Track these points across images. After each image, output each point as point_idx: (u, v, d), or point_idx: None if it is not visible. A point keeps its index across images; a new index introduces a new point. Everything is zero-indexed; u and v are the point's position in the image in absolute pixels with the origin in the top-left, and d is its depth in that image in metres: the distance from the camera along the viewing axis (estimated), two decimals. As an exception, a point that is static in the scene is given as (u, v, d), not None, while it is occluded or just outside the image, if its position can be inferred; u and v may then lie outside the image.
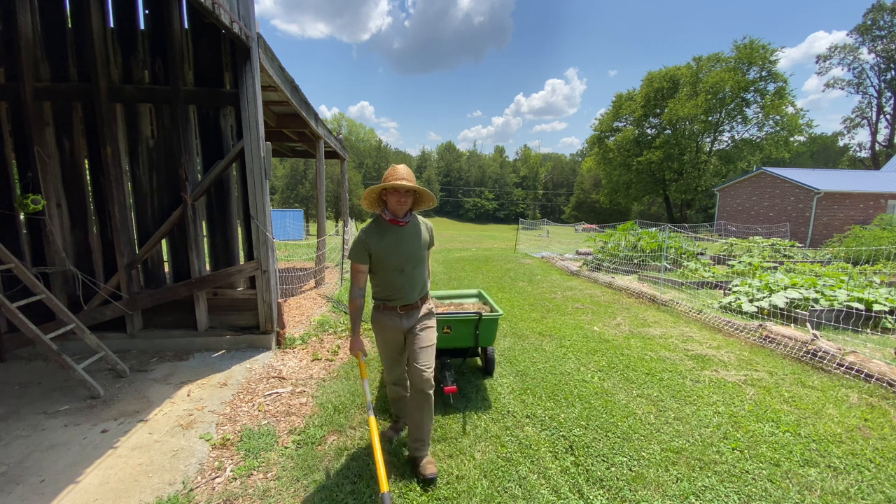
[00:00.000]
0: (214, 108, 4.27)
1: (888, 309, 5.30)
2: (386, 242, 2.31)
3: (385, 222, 2.35)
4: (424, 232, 2.45)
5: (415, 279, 2.40)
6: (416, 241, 2.38)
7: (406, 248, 2.34)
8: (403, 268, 2.35)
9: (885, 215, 15.86)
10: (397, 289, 2.37)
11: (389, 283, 2.36)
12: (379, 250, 2.31)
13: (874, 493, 2.30)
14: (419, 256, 2.39)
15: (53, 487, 2.29)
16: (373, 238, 2.32)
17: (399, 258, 2.33)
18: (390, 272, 2.34)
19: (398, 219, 2.32)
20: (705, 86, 34.53)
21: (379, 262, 2.34)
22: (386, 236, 2.32)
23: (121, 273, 4.30)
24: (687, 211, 40.56)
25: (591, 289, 8.27)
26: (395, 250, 2.32)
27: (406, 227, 2.37)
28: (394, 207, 2.29)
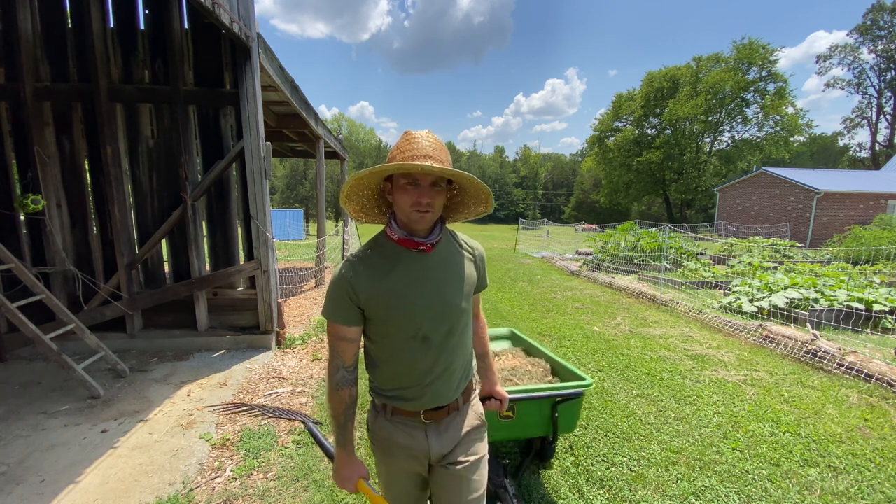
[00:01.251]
0: (214, 108, 4.27)
1: (888, 309, 5.30)
2: (392, 284, 1.14)
3: (391, 245, 1.18)
4: (469, 263, 1.26)
5: (452, 357, 1.22)
6: (452, 280, 1.20)
7: (434, 295, 1.16)
8: (429, 334, 1.17)
9: (885, 215, 15.86)
10: (418, 376, 1.20)
11: (402, 364, 1.20)
12: (379, 299, 1.14)
13: (874, 493, 2.30)
14: (459, 311, 1.20)
15: (53, 487, 2.29)
16: (365, 276, 1.14)
17: (420, 315, 1.15)
18: (403, 342, 1.17)
19: (417, 238, 1.14)
20: (705, 86, 34.52)
21: (381, 323, 1.17)
22: (392, 272, 1.15)
23: (121, 273, 4.30)
24: (687, 211, 40.56)
25: (591, 289, 8.27)
26: (411, 299, 1.15)
27: (432, 256, 1.18)
28: (408, 214, 1.11)
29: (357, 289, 1.13)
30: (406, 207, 1.09)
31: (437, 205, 1.10)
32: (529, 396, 2.09)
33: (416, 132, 1.12)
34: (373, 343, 1.23)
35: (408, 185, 1.08)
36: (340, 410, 1.22)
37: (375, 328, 1.19)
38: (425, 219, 1.10)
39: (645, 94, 39.15)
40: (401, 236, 1.15)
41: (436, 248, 1.19)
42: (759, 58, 33.08)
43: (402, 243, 1.16)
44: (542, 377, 2.58)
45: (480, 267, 1.32)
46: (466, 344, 1.29)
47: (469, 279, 1.25)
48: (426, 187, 1.07)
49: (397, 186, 1.10)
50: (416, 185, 1.07)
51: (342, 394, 1.21)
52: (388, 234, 1.19)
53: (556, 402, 2.15)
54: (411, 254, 1.16)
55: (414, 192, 1.07)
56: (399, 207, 1.13)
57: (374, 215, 1.28)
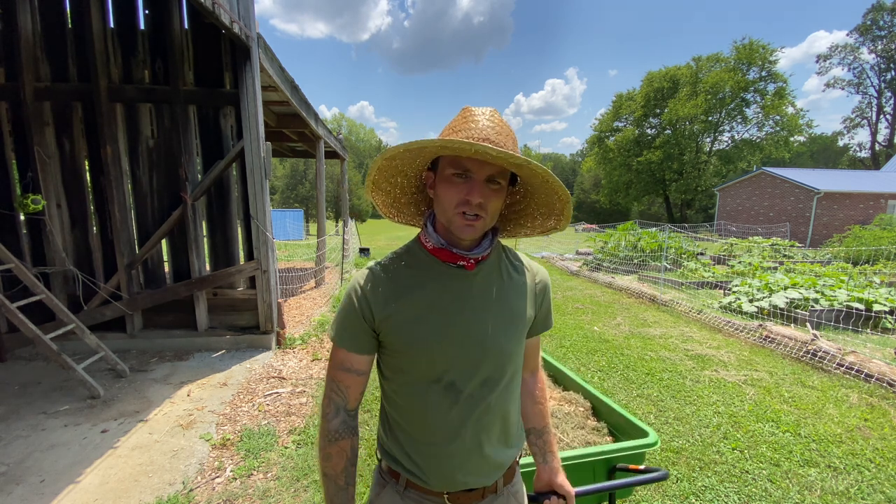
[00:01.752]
0: (214, 108, 4.27)
1: (888, 309, 5.30)
2: (416, 305, 0.87)
3: (423, 255, 0.91)
4: (526, 293, 0.95)
5: (490, 416, 0.90)
6: (498, 312, 0.90)
7: (470, 329, 0.86)
8: (456, 380, 0.87)
9: (885, 215, 15.86)
10: (442, 438, 0.88)
11: (420, 417, 0.89)
12: (396, 323, 0.86)
13: (874, 493, 2.30)
14: (502, 355, 0.89)
15: (53, 487, 2.29)
16: (385, 290, 0.88)
17: (446, 352, 0.86)
18: (423, 386, 0.88)
19: (457, 250, 0.86)
20: (705, 86, 34.53)
21: (395, 354, 0.89)
22: (419, 290, 0.88)
23: (121, 273, 4.30)
24: (687, 211, 40.57)
25: (591, 289, 8.27)
26: (437, 329, 0.85)
27: (475, 276, 0.89)
28: (451, 218, 0.82)
29: (373, 305, 0.85)
30: (449, 207, 0.81)
31: (492, 209, 0.81)
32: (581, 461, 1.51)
33: (477, 109, 0.83)
34: (385, 380, 0.93)
35: (455, 177, 0.79)
36: (340, 469, 0.89)
37: (389, 360, 0.90)
38: (473, 227, 0.80)
39: (645, 94, 39.16)
40: (436, 245, 0.87)
41: (481, 266, 0.89)
42: (759, 58, 33.10)
43: (438, 254, 0.87)
44: (584, 421, 2.02)
45: (542, 300, 0.98)
46: (511, 401, 0.93)
47: (522, 314, 0.92)
48: (479, 182, 0.79)
49: (442, 178, 0.82)
50: (467, 179, 0.79)
51: (342, 445, 0.89)
52: (421, 241, 0.91)
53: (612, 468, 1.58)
54: (448, 270, 0.87)
55: (462, 188, 0.79)
56: (441, 206, 0.83)
57: (408, 214, 1.00)
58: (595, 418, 2.07)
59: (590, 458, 1.52)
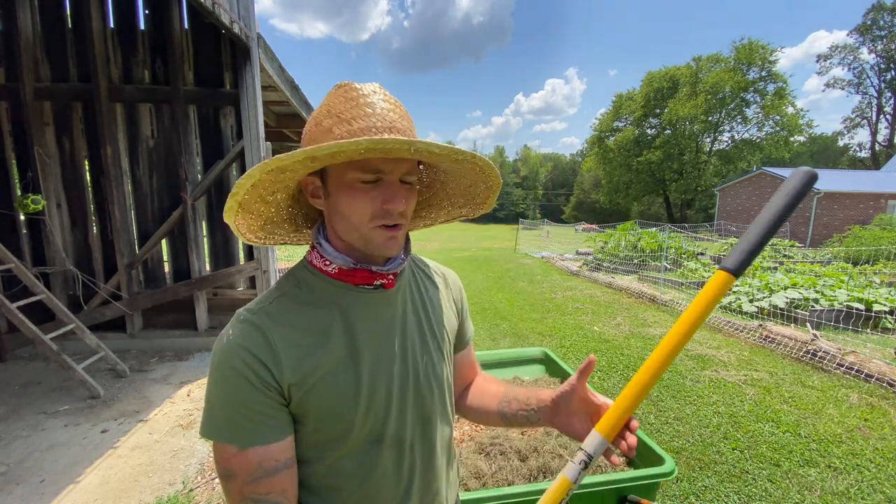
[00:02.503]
0: (214, 108, 4.27)
1: (888, 309, 5.30)
2: (338, 355, 0.64)
3: (322, 284, 0.68)
4: (444, 298, 0.82)
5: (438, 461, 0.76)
6: (427, 333, 0.75)
7: (404, 363, 0.70)
8: (401, 431, 0.69)
9: (885, 215, 15.86)
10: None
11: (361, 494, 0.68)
12: (319, 387, 0.62)
13: (874, 493, 2.30)
14: (441, 384, 0.76)
15: (53, 487, 2.29)
16: (290, 344, 0.62)
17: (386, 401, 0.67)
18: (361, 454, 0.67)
19: (374, 267, 0.67)
20: (705, 86, 34.53)
21: (319, 427, 0.64)
22: (335, 333, 0.65)
23: (121, 273, 4.30)
24: (687, 211, 40.56)
25: (591, 289, 8.27)
26: (372, 375, 0.66)
27: (395, 295, 0.72)
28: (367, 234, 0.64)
29: (275, 371, 0.60)
30: (362, 221, 0.62)
31: (410, 210, 0.66)
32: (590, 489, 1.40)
33: (365, 87, 0.62)
34: (302, 465, 0.66)
35: (363, 184, 0.61)
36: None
37: (309, 437, 0.65)
38: (396, 239, 0.65)
39: (645, 94, 39.15)
40: (344, 266, 0.66)
41: (398, 282, 0.72)
42: (759, 58, 33.11)
43: (346, 277, 0.67)
44: None
45: (461, 306, 0.85)
46: (447, 430, 0.79)
47: (450, 328, 0.79)
48: (396, 184, 0.62)
49: (340, 185, 0.62)
50: (379, 183, 0.61)
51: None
52: (314, 265, 0.69)
53: (623, 497, 1.45)
54: (362, 295, 0.68)
55: (376, 195, 0.61)
56: (346, 222, 0.64)
57: (281, 234, 0.75)
58: None
59: (598, 488, 1.38)
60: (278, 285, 0.69)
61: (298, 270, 0.70)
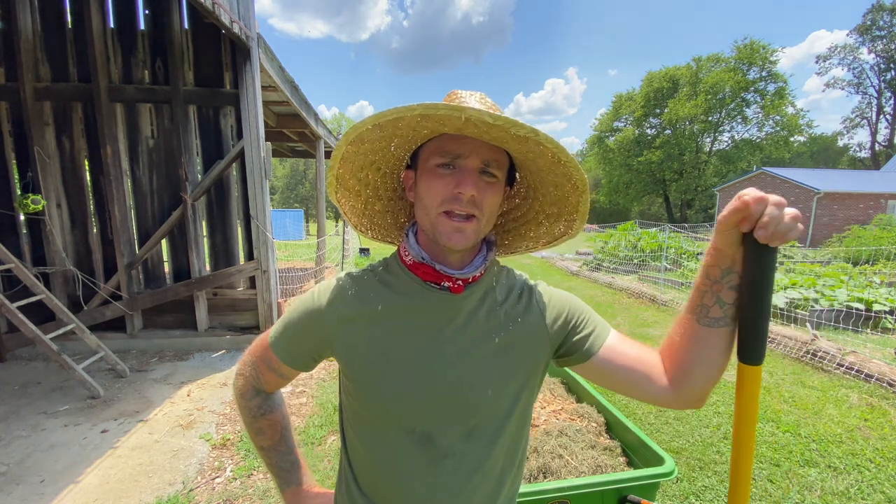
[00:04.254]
0: (214, 108, 4.27)
1: (888, 309, 5.30)
2: (384, 337, 0.69)
3: (401, 272, 0.73)
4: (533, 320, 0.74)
5: (473, 479, 0.70)
6: (488, 352, 0.70)
7: (451, 372, 0.68)
8: (432, 432, 0.68)
9: (885, 215, 15.87)
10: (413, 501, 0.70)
11: (387, 471, 0.71)
12: (359, 357, 0.70)
13: (874, 493, 2.30)
14: (488, 406, 0.69)
15: (53, 487, 2.29)
16: (350, 309, 0.71)
17: (421, 398, 0.68)
18: (391, 438, 0.69)
19: (442, 267, 0.68)
20: (705, 86, 34.57)
21: (360, 393, 0.70)
22: (390, 317, 0.70)
23: (121, 273, 4.30)
24: (687, 211, 40.57)
25: (591, 289, 8.27)
26: (411, 369, 0.68)
27: (463, 301, 0.70)
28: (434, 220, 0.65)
29: (327, 322, 0.70)
30: (432, 205, 0.64)
31: (488, 206, 0.65)
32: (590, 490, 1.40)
33: (466, 92, 0.68)
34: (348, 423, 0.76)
35: (440, 168, 0.63)
36: (277, 438, 0.84)
37: (352, 402, 0.73)
38: (464, 231, 0.63)
39: (645, 94, 39.18)
40: (416, 258, 0.69)
41: (471, 290, 0.70)
42: (760, 58, 33.14)
43: (417, 271, 0.69)
44: (596, 439, 1.90)
45: (565, 322, 0.74)
46: (506, 455, 0.73)
47: (521, 358, 0.71)
48: (472, 171, 0.63)
49: (424, 171, 0.66)
50: (455, 169, 0.63)
51: (271, 418, 0.83)
52: (399, 254, 0.74)
53: (623, 498, 1.46)
54: (429, 292, 0.69)
55: (450, 179, 0.63)
56: (423, 207, 0.66)
57: (383, 226, 0.82)
58: (608, 435, 1.95)
59: (599, 488, 1.40)
60: (375, 263, 0.77)
61: (391, 257, 0.77)
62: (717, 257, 0.60)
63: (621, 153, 40.61)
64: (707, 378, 0.65)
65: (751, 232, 0.55)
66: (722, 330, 0.62)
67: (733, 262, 0.59)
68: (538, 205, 0.77)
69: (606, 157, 42.68)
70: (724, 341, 0.63)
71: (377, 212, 0.80)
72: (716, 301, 0.61)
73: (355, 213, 0.78)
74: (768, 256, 0.56)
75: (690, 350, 0.65)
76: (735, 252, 0.58)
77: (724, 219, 0.56)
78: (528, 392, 0.73)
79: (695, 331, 0.64)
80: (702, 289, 0.63)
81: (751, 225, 0.54)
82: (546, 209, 0.75)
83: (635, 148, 39.80)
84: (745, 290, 0.58)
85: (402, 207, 0.82)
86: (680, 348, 0.66)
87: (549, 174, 0.67)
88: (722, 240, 0.58)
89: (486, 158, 0.63)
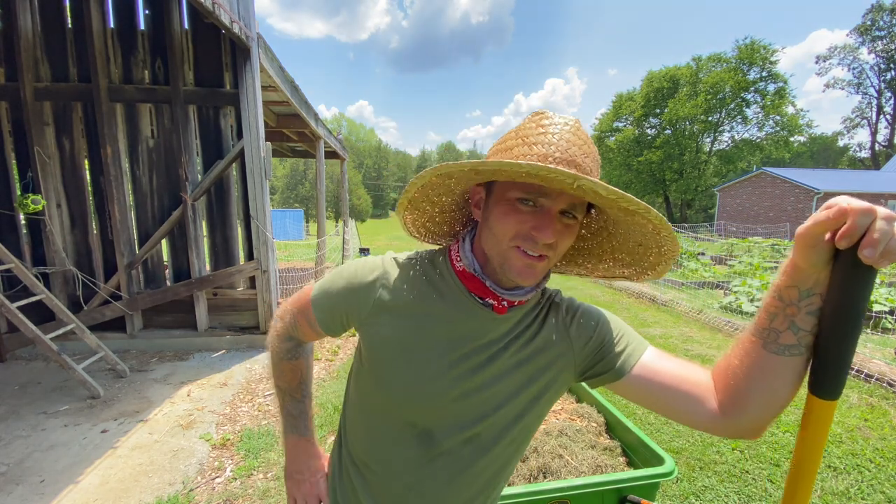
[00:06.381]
0: (214, 108, 4.27)
1: (888, 309, 5.30)
2: (412, 334, 0.70)
3: (449, 274, 0.72)
4: (549, 355, 0.72)
5: (469, 479, 0.73)
6: (513, 371, 0.71)
7: (468, 383, 0.69)
8: (433, 428, 0.71)
9: (885, 215, 15.84)
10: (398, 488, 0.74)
11: (381, 453, 0.75)
12: (383, 346, 0.72)
13: (874, 493, 2.30)
14: (497, 416, 0.71)
15: (53, 487, 2.29)
16: (392, 296, 0.72)
17: (429, 399, 0.70)
18: (392, 427, 0.74)
19: (493, 285, 0.68)
20: (705, 86, 34.54)
21: (374, 383, 0.74)
22: (424, 316, 0.71)
23: (121, 273, 4.30)
24: (687, 211, 40.57)
25: (591, 289, 8.27)
26: (428, 371, 0.69)
27: (502, 322, 0.71)
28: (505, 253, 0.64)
29: (363, 302, 0.72)
30: (504, 238, 0.63)
31: (562, 247, 0.64)
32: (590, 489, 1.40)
33: (556, 116, 0.62)
34: (357, 395, 0.80)
35: (521, 203, 0.61)
36: (295, 383, 0.89)
37: (364, 381, 0.77)
38: (534, 269, 0.63)
39: (645, 94, 39.15)
40: (468, 268, 0.69)
41: (513, 312, 0.71)
42: (760, 58, 33.12)
43: (466, 280, 0.69)
44: (596, 439, 1.91)
45: (595, 346, 0.72)
46: (503, 468, 0.76)
47: (539, 380, 0.72)
48: (553, 216, 0.61)
49: (500, 199, 0.64)
50: (537, 208, 0.61)
51: (296, 364, 0.88)
52: (450, 257, 0.73)
53: (623, 498, 1.47)
54: (471, 304, 0.69)
55: (528, 218, 0.61)
56: (492, 235, 0.65)
57: (439, 234, 0.82)
58: (608, 435, 1.95)
59: (598, 488, 1.40)
60: (423, 254, 0.78)
61: (440, 255, 0.76)
62: (797, 276, 0.52)
63: (621, 153, 40.59)
64: (766, 409, 0.58)
65: (850, 249, 0.46)
66: (793, 360, 0.54)
67: (816, 283, 0.51)
68: (608, 246, 0.74)
69: (606, 157, 42.61)
70: (794, 372, 0.55)
71: (437, 223, 0.80)
72: (789, 326, 0.54)
73: (416, 226, 0.78)
74: (869, 279, 0.47)
75: (751, 377, 0.58)
76: (821, 272, 0.50)
77: (809, 231, 0.48)
78: (536, 408, 0.73)
79: (759, 357, 0.56)
80: (772, 311, 0.55)
81: (851, 241, 0.45)
82: (615, 255, 0.73)
83: (635, 148, 39.79)
84: (832, 316, 0.50)
85: (460, 218, 0.81)
86: (739, 374, 0.59)
87: (633, 229, 0.65)
88: (806, 257, 0.50)
89: (573, 203, 0.61)
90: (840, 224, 0.45)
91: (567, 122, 0.61)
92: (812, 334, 0.53)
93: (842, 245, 0.46)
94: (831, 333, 0.50)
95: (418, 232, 0.80)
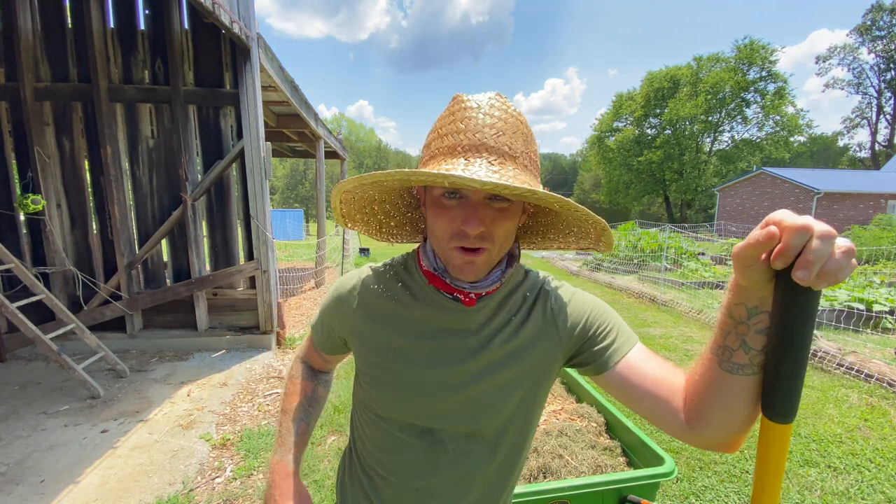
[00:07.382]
0: (214, 108, 4.27)
1: (888, 309, 5.30)
2: (392, 338, 0.72)
3: (418, 276, 0.73)
4: (550, 333, 0.72)
5: (475, 476, 0.73)
6: (504, 358, 0.70)
7: (461, 377, 0.69)
8: (435, 427, 0.72)
9: (885, 215, 15.87)
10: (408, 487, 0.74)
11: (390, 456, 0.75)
12: (368, 352, 0.74)
13: (874, 493, 2.30)
14: (500, 411, 0.71)
15: (53, 487, 2.29)
16: (366, 305, 0.74)
17: (423, 400, 0.71)
18: (395, 430, 0.73)
19: (455, 281, 0.67)
20: (705, 86, 34.54)
21: (368, 389, 0.76)
22: (400, 319, 0.73)
23: (121, 273, 4.29)
24: (687, 211, 40.56)
25: (592, 289, 8.27)
26: (414, 371, 0.71)
27: (476, 313, 0.70)
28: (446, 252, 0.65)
29: (345, 314, 0.75)
30: (442, 239, 0.63)
31: (501, 235, 0.62)
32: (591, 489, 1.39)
33: (471, 99, 0.62)
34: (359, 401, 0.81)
35: (445, 198, 0.61)
36: (295, 404, 0.86)
37: (361, 388, 0.79)
38: (474, 264, 0.62)
39: (645, 94, 39.15)
40: (429, 268, 0.69)
41: (485, 302, 0.70)
42: (760, 58, 33.12)
43: (433, 279, 0.69)
44: (596, 439, 1.90)
45: (581, 333, 0.71)
46: (504, 464, 0.74)
47: (528, 367, 0.71)
48: (478, 204, 0.60)
49: (430, 198, 0.64)
50: (461, 199, 0.60)
51: (303, 385, 0.88)
52: (418, 259, 0.73)
53: (623, 498, 1.46)
54: (441, 300, 0.70)
55: (456, 213, 0.60)
56: (433, 236, 0.66)
57: (402, 235, 0.82)
58: (608, 435, 1.94)
59: (598, 488, 1.40)
60: (397, 258, 0.79)
61: (410, 256, 0.78)
62: (741, 295, 0.50)
63: (621, 153, 40.58)
64: (726, 426, 0.56)
65: (786, 270, 0.43)
66: (747, 379, 0.52)
67: (762, 301, 0.49)
68: (561, 223, 0.73)
69: (606, 157, 42.63)
70: (749, 391, 0.53)
71: (393, 227, 0.80)
72: (740, 345, 0.52)
73: (371, 232, 0.79)
74: (809, 299, 0.44)
75: (709, 394, 0.56)
76: (763, 290, 0.48)
77: (742, 252, 0.45)
78: (533, 399, 0.73)
79: (715, 374, 0.55)
80: (725, 328, 0.53)
81: (786, 261, 0.42)
82: (570, 227, 0.72)
83: (635, 148, 39.78)
84: (777, 336, 0.48)
85: (420, 216, 0.81)
86: (700, 389, 0.58)
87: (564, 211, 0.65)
88: (745, 277, 0.47)
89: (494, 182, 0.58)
90: (774, 244, 0.42)
91: (480, 103, 0.61)
92: (763, 354, 0.51)
93: (777, 265, 0.43)
94: (774, 355, 0.49)
95: (381, 237, 0.80)
